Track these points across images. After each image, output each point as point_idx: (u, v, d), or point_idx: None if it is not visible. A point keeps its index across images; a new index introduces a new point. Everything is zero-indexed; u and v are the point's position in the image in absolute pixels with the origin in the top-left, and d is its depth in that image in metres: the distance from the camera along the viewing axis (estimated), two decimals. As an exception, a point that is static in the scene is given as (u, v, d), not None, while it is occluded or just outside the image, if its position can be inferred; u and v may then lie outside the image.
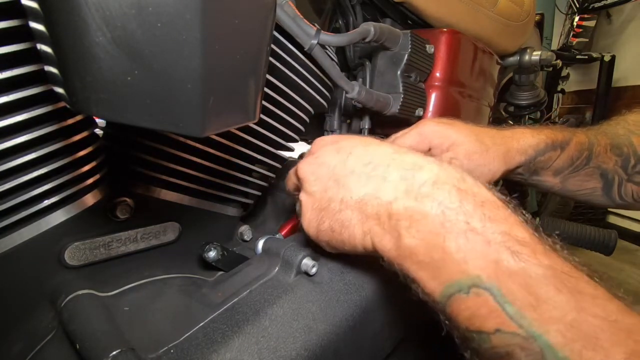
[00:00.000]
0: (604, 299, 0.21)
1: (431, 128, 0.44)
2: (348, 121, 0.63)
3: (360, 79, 0.57)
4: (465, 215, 0.24)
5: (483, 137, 0.44)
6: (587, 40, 2.15)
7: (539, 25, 1.27)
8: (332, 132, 0.62)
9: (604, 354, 0.19)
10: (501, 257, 0.22)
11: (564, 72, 1.76)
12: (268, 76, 0.39)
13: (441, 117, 0.52)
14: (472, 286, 0.23)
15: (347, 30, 0.60)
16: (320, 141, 0.35)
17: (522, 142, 0.46)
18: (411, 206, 0.26)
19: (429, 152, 0.45)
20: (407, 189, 0.26)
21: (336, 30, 0.63)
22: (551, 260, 0.22)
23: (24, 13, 0.21)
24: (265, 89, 0.39)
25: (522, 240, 0.23)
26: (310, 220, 0.32)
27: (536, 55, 0.76)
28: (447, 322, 0.25)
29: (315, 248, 0.36)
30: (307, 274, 0.34)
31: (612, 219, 2.29)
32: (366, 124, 0.59)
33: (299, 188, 0.35)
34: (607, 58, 1.99)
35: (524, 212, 0.26)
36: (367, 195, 0.28)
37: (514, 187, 1.14)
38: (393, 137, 0.48)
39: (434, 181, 0.26)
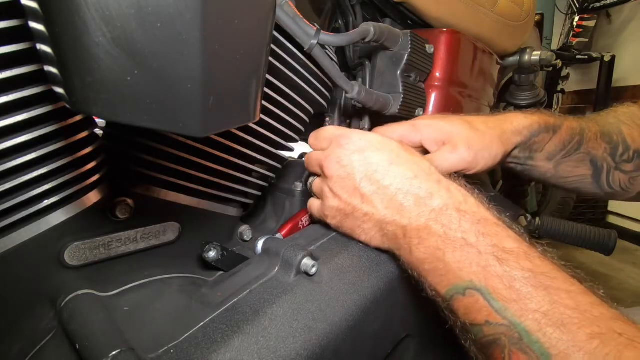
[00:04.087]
0: (578, 293, 0.25)
1: (424, 121, 0.45)
2: (348, 121, 0.63)
3: (360, 79, 0.57)
4: (463, 233, 0.30)
5: (476, 124, 0.45)
6: (587, 40, 2.15)
7: (539, 25, 1.27)
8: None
9: (570, 335, 0.23)
10: (489, 264, 0.28)
11: (564, 72, 1.76)
12: (268, 76, 0.39)
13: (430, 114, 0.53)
14: (467, 288, 0.28)
15: (347, 30, 0.60)
16: (346, 142, 0.37)
17: (516, 123, 0.46)
18: (421, 227, 0.32)
19: (420, 147, 0.45)
20: (419, 213, 0.32)
21: (336, 30, 0.63)
22: (533, 264, 0.27)
23: (24, 13, 0.21)
24: (265, 89, 0.39)
25: (509, 250, 0.28)
26: (334, 215, 0.38)
27: (536, 55, 0.76)
28: (451, 316, 0.31)
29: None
30: (307, 274, 0.34)
31: (612, 219, 2.29)
32: (366, 124, 0.59)
33: (321, 175, 0.40)
34: (607, 58, 1.99)
35: (516, 227, 0.31)
36: (387, 217, 0.34)
37: (513, 187, 1.14)
38: (386, 125, 0.48)
39: (441, 208, 0.32)
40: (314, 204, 0.42)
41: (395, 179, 0.34)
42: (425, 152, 0.45)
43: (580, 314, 0.24)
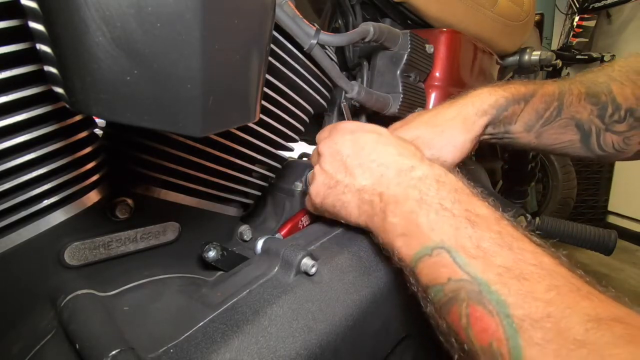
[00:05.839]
0: (541, 255, 0.26)
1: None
2: (348, 121, 0.63)
3: (360, 79, 0.57)
4: (440, 199, 0.30)
5: (435, 120, 0.45)
6: (587, 40, 2.15)
7: (539, 25, 1.27)
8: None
9: (529, 287, 0.24)
10: (461, 225, 0.28)
11: (564, 72, 1.77)
12: (268, 76, 0.39)
13: (404, 119, 0.50)
14: (435, 248, 0.28)
15: (347, 30, 0.60)
16: (342, 127, 0.40)
17: (478, 104, 0.46)
18: (398, 193, 0.32)
19: None
20: (398, 182, 0.33)
21: (336, 30, 0.63)
22: (502, 228, 0.28)
23: (24, 13, 0.21)
24: (265, 89, 0.39)
25: (481, 215, 0.29)
26: (318, 191, 0.38)
27: (536, 55, 0.76)
28: (414, 282, 0.31)
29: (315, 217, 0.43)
30: (306, 273, 0.34)
31: (612, 219, 2.29)
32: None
33: (315, 162, 0.41)
34: (607, 58, 1.99)
35: (491, 199, 0.32)
36: (367, 186, 0.34)
37: (513, 187, 1.14)
38: None
39: (420, 177, 0.32)
40: (307, 197, 0.42)
41: (380, 155, 0.35)
42: None
43: (541, 270, 0.25)
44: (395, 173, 0.33)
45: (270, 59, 0.38)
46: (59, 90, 0.22)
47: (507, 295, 0.24)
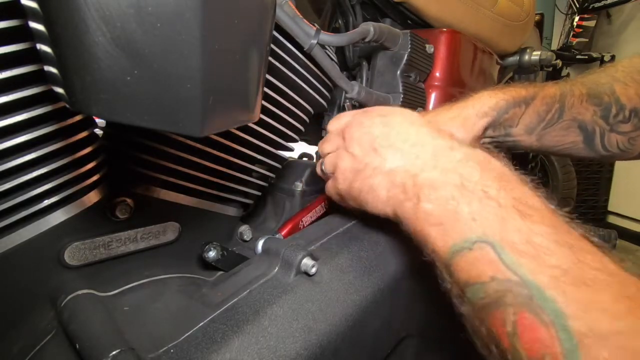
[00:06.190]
0: (605, 259, 0.22)
1: None
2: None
3: (360, 79, 0.57)
4: (484, 186, 0.26)
5: (435, 120, 0.45)
6: (587, 40, 2.15)
7: (539, 25, 1.27)
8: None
9: (593, 295, 0.20)
10: (509, 216, 0.24)
11: (564, 72, 1.76)
12: (268, 76, 0.39)
13: None
14: (477, 241, 0.24)
15: (347, 30, 0.60)
16: (370, 110, 0.38)
17: (478, 106, 0.46)
18: (434, 177, 0.29)
19: None
20: (434, 164, 0.29)
21: (336, 30, 0.63)
22: (558, 222, 0.24)
23: (24, 13, 0.21)
24: (265, 89, 0.39)
25: (533, 206, 0.25)
26: (345, 177, 0.36)
27: (536, 55, 0.76)
28: (448, 277, 0.27)
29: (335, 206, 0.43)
30: (307, 273, 0.34)
31: (612, 219, 2.29)
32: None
33: (338, 147, 0.38)
34: (607, 58, 2.00)
35: (542, 190, 0.28)
36: (399, 167, 0.31)
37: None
38: None
39: (460, 159, 0.29)
40: (328, 183, 0.40)
41: (412, 135, 0.32)
42: None
43: (607, 276, 0.21)
44: (432, 154, 0.30)
45: (270, 59, 0.38)
46: (59, 90, 0.22)
47: (565, 303, 0.20)
